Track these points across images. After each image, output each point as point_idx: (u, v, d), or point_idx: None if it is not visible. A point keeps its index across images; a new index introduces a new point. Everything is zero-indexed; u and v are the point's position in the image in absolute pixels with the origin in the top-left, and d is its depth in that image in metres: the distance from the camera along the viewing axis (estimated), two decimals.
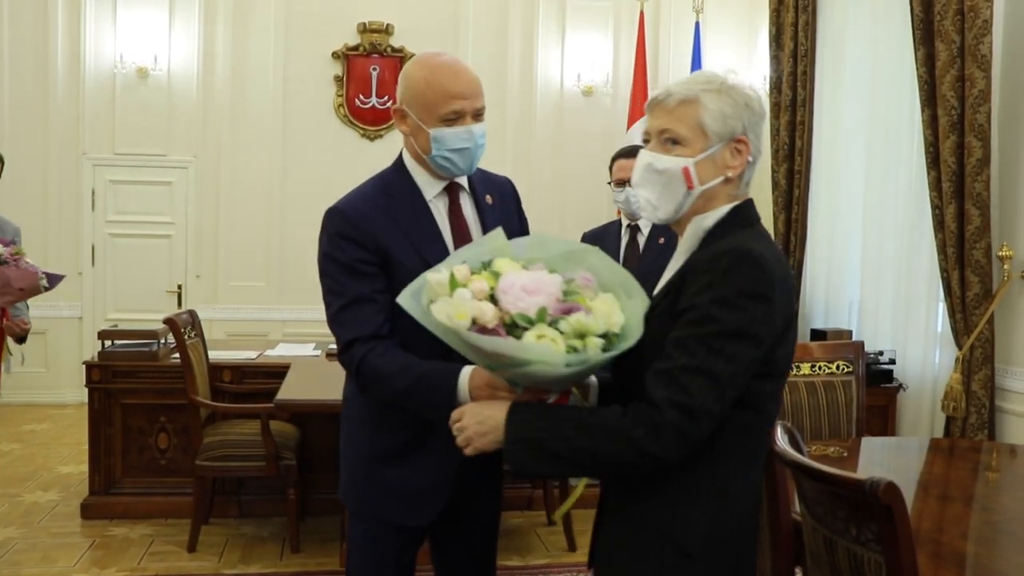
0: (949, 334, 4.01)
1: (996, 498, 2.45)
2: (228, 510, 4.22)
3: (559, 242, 1.51)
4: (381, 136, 6.88)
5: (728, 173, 1.49)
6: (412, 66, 1.90)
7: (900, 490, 1.41)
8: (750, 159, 1.50)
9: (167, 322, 3.96)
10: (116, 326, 4.85)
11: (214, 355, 4.31)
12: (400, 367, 1.76)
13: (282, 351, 4.69)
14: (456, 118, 1.83)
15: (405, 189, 1.92)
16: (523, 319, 1.36)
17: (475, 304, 1.38)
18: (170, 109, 6.69)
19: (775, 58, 5.63)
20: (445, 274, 1.43)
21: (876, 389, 4.20)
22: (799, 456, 1.65)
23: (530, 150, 7.05)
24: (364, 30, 6.87)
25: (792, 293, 1.45)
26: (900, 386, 4.35)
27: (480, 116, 1.88)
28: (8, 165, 6.54)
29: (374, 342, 1.80)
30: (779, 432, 1.71)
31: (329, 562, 3.72)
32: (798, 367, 3.12)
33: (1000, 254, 3.80)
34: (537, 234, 1.52)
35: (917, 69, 4.06)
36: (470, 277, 1.42)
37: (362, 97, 6.88)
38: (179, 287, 6.76)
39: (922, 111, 4.05)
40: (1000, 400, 3.90)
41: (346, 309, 1.83)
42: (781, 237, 5.42)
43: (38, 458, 5.25)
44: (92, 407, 4.22)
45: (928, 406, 4.26)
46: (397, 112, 1.92)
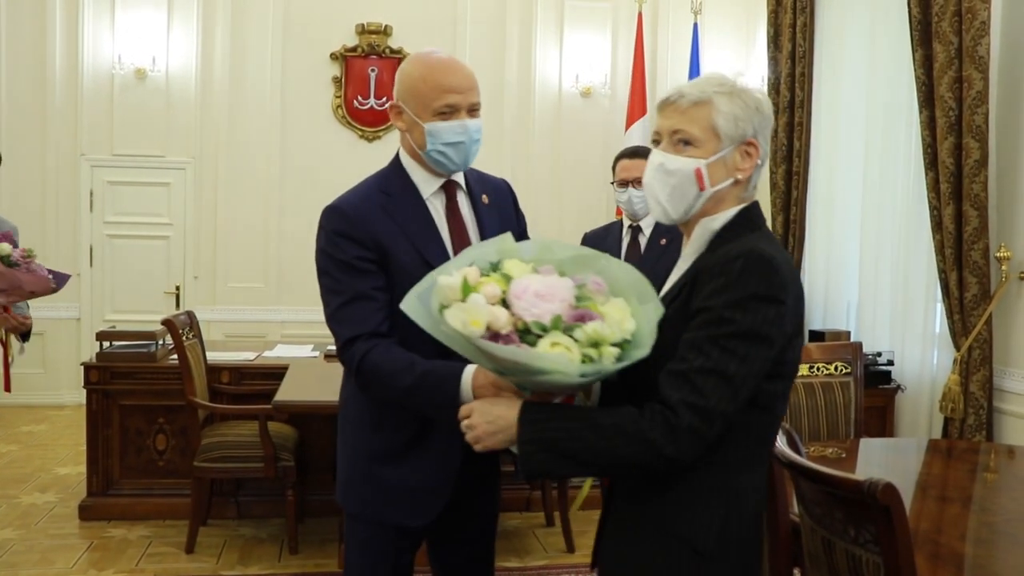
0: (947, 335, 4.01)
1: (994, 499, 2.45)
2: (226, 511, 4.22)
3: (567, 247, 1.49)
4: (380, 137, 6.87)
5: (738, 175, 1.50)
6: (408, 63, 1.93)
7: (898, 491, 1.41)
8: (759, 162, 1.51)
9: (165, 323, 3.95)
10: (114, 327, 4.85)
11: (212, 356, 4.31)
12: (402, 365, 1.75)
13: (280, 352, 4.68)
14: (451, 112, 1.85)
15: (402, 187, 1.92)
16: (537, 326, 1.33)
17: (489, 310, 1.34)
18: (168, 110, 6.69)
19: (773, 59, 5.64)
20: (457, 278, 1.38)
21: (874, 390, 4.21)
22: (797, 457, 1.65)
23: (528, 151, 7.05)
24: (362, 31, 6.87)
25: (802, 297, 1.45)
26: (898, 387, 4.35)
27: (475, 112, 1.89)
28: (6, 166, 6.55)
29: (375, 340, 1.80)
30: (777, 433, 1.71)
31: (328, 563, 3.71)
32: None
33: (998, 255, 3.81)
34: (544, 239, 1.49)
35: (915, 70, 4.07)
36: (480, 280, 1.38)
37: (360, 98, 6.88)
38: (177, 288, 6.76)
39: (920, 112, 4.06)
40: (998, 401, 3.90)
41: (346, 306, 1.83)
42: (779, 238, 5.43)
43: (36, 459, 5.25)
44: (90, 408, 4.21)
45: (926, 407, 4.26)
46: (393, 108, 1.93)
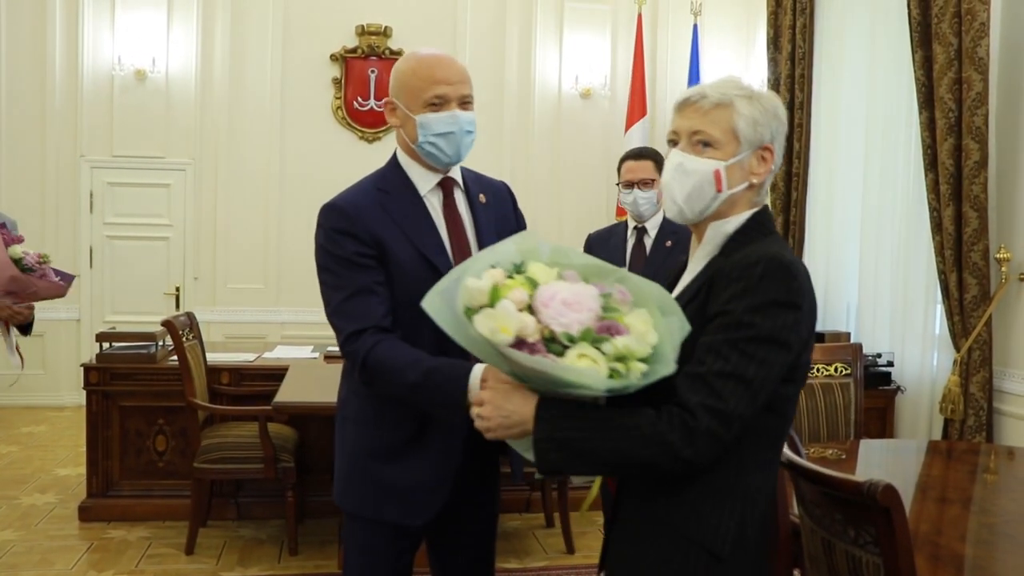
0: (947, 336, 4.01)
1: (994, 500, 2.45)
2: (226, 512, 4.22)
3: (582, 255, 1.46)
4: (379, 138, 6.88)
5: (753, 179, 1.50)
6: (401, 60, 1.97)
7: (898, 492, 1.41)
8: (773, 167, 1.52)
9: (165, 324, 3.95)
10: (114, 328, 4.84)
11: (212, 357, 4.31)
12: (409, 361, 1.75)
13: (280, 353, 4.68)
14: (441, 103, 1.87)
15: (399, 184, 1.93)
16: (566, 337, 1.31)
17: (519, 318, 1.31)
18: (168, 111, 6.69)
19: (773, 60, 5.64)
20: (486, 281, 1.35)
21: (874, 391, 4.21)
22: (797, 458, 1.65)
23: (528, 152, 7.06)
24: (362, 32, 6.87)
25: (815, 303, 1.45)
26: (898, 388, 4.35)
27: (467, 104, 1.90)
28: (6, 167, 6.57)
29: (381, 334, 1.80)
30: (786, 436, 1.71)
31: (327, 564, 3.71)
32: None
33: (998, 256, 3.81)
34: (559, 244, 1.47)
35: (915, 71, 4.07)
36: (506, 283, 1.35)
37: (360, 99, 6.88)
38: (177, 289, 6.76)
39: (920, 113, 4.06)
40: (998, 402, 3.90)
41: (349, 300, 1.83)
42: None
43: (36, 460, 5.25)
44: (90, 409, 4.21)
45: (926, 408, 4.26)
46: (387, 104, 1.96)
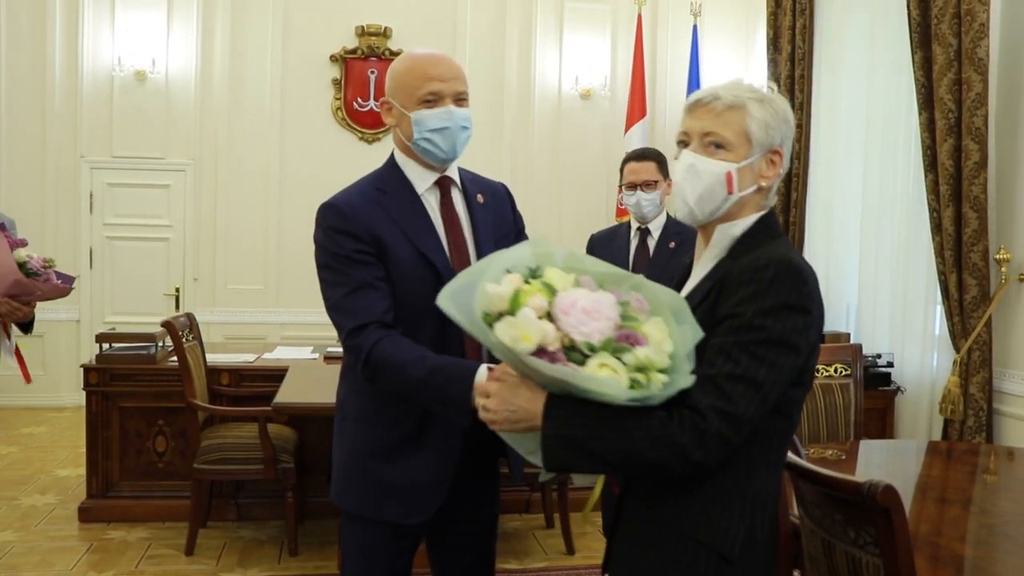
0: (947, 337, 4.01)
1: (994, 501, 2.45)
2: (226, 513, 4.22)
3: (595, 261, 1.45)
4: (379, 139, 6.88)
5: (762, 183, 1.50)
6: (396, 60, 1.98)
7: (898, 493, 1.41)
8: (781, 171, 1.52)
9: (165, 325, 3.95)
10: (114, 329, 4.84)
11: (212, 358, 4.31)
12: (414, 358, 1.76)
13: (280, 354, 4.68)
14: (435, 100, 1.88)
15: (397, 183, 1.94)
16: (587, 347, 1.30)
17: (540, 327, 1.29)
18: (168, 112, 6.69)
19: (773, 61, 5.65)
20: (506, 288, 1.33)
21: (874, 392, 4.21)
22: (798, 459, 1.65)
23: (528, 153, 7.06)
24: (362, 33, 6.87)
25: (823, 307, 1.45)
26: (898, 389, 4.35)
27: (461, 101, 1.91)
28: (6, 168, 6.57)
29: (384, 330, 1.80)
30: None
31: (327, 565, 3.71)
32: None
33: (997, 257, 3.81)
34: (572, 249, 1.46)
35: (914, 72, 4.07)
36: (523, 289, 1.34)
37: (360, 100, 6.88)
38: (177, 290, 6.76)
39: (919, 114, 4.06)
40: (998, 403, 3.90)
41: (350, 295, 1.83)
42: None
43: (35, 461, 5.25)
44: (90, 410, 4.21)
45: (926, 409, 4.26)
46: (384, 104, 1.96)
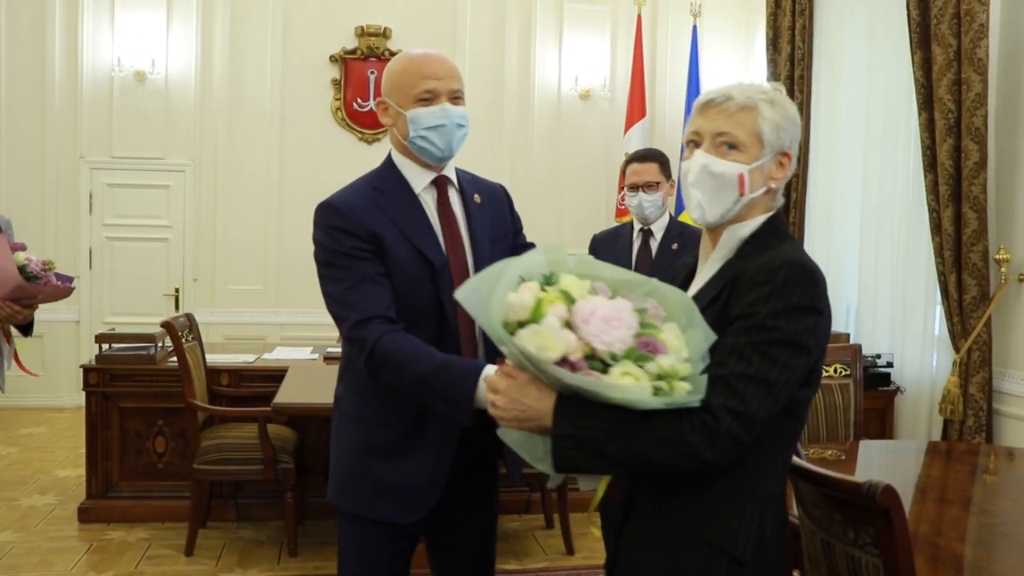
0: (946, 337, 4.01)
1: (994, 501, 2.45)
2: (225, 514, 4.21)
3: (607, 267, 1.44)
4: (379, 139, 6.88)
5: (771, 184, 1.50)
6: (392, 60, 1.98)
7: (898, 493, 1.41)
8: (789, 173, 1.52)
9: (164, 325, 3.95)
10: (113, 330, 4.84)
11: (211, 359, 4.31)
12: (421, 353, 1.76)
13: (280, 355, 4.68)
14: (431, 98, 1.88)
15: (394, 183, 1.95)
16: (609, 356, 1.29)
17: (564, 336, 1.28)
18: (168, 112, 6.70)
19: (772, 62, 5.65)
20: (527, 296, 1.32)
21: (874, 392, 4.21)
22: (797, 459, 1.65)
23: (528, 153, 7.06)
24: (362, 34, 6.87)
25: (831, 308, 1.46)
26: (898, 389, 4.35)
27: (457, 100, 1.92)
28: (6, 168, 6.57)
29: (389, 324, 1.80)
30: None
31: (327, 566, 3.71)
32: None
33: (997, 257, 3.81)
34: (583, 256, 1.44)
35: (914, 73, 4.07)
36: (541, 296, 1.32)
37: (360, 101, 6.88)
38: (176, 290, 6.76)
39: (919, 114, 4.06)
40: (997, 403, 3.90)
41: (353, 289, 1.83)
42: None
43: (35, 462, 5.25)
44: (89, 411, 4.21)
45: (926, 409, 4.26)
46: (380, 104, 1.97)
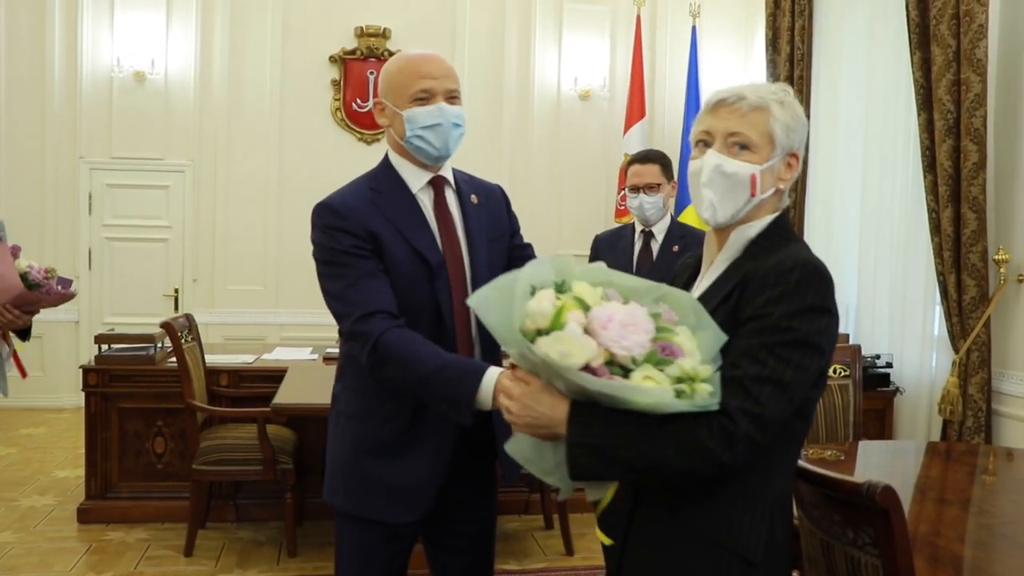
0: (946, 338, 4.01)
1: (993, 501, 2.45)
2: (225, 514, 4.21)
3: (616, 273, 1.43)
4: (378, 140, 6.87)
5: (780, 185, 1.51)
6: (388, 62, 1.99)
7: (897, 494, 1.41)
8: (796, 174, 1.53)
9: (164, 326, 3.95)
10: (113, 330, 4.84)
11: (211, 359, 4.31)
12: (425, 351, 1.76)
13: (279, 355, 4.68)
14: (427, 97, 1.89)
15: (391, 183, 1.95)
16: (630, 360, 1.29)
17: (587, 341, 1.28)
18: (167, 113, 6.70)
19: (772, 62, 5.65)
20: (547, 304, 1.31)
21: (873, 393, 4.21)
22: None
23: (527, 154, 7.06)
24: (361, 34, 6.87)
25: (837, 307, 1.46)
26: (897, 390, 4.35)
27: (454, 99, 1.92)
28: (5, 169, 6.57)
29: (393, 320, 1.80)
30: None
31: (326, 567, 3.71)
32: None
33: (996, 258, 3.81)
34: (590, 264, 1.43)
35: (913, 73, 4.08)
36: (557, 303, 1.31)
37: (359, 101, 6.88)
38: (176, 291, 6.76)
39: (918, 115, 4.06)
40: (997, 403, 3.90)
41: (354, 284, 1.83)
42: None
43: (34, 462, 5.24)
44: (89, 411, 4.21)
45: (925, 409, 4.26)
46: (376, 105, 1.98)
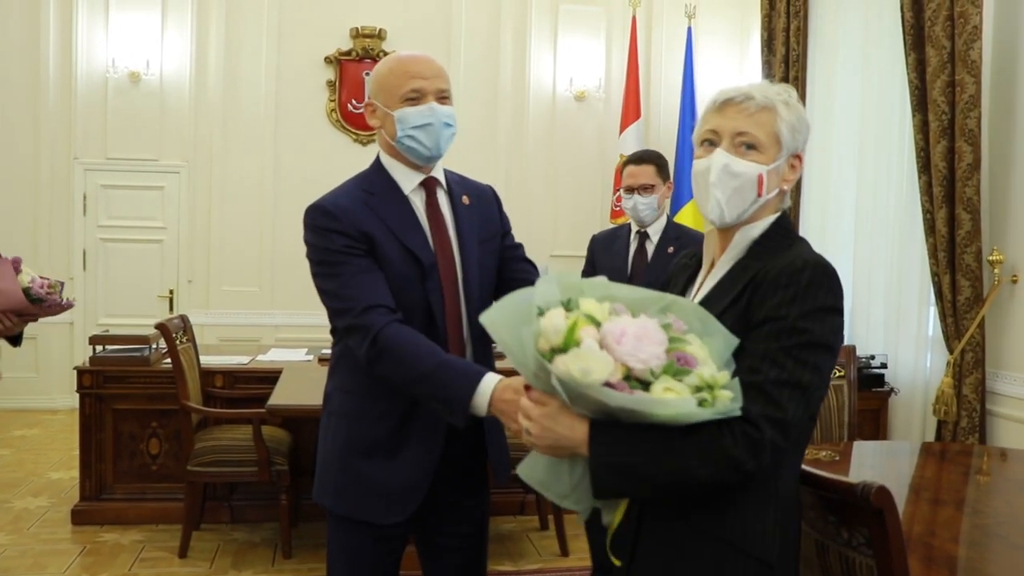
0: (940, 338, 4.02)
1: (987, 502, 2.45)
2: (220, 516, 4.21)
3: (619, 287, 1.42)
4: (374, 141, 6.76)
5: (784, 186, 1.50)
6: (379, 63, 1.99)
7: (891, 494, 1.41)
8: (799, 175, 1.53)
9: (159, 327, 3.94)
10: (107, 331, 4.82)
11: (206, 360, 4.30)
12: (425, 349, 1.76)
13: (274, 356, 4.66)
14: (418, 97, 1.89)
15: (383, 185, 1.95)
16: (649, 373, 1.27)
17: (605, 357, 1.26)
18: (162, 114, 6.68)
19: (767, 63, 5.66)
20: (560, 321, 1.29)
21: (868, 393, 4.22)
22: None
23: (523, 155, 7.06)
24: (357, 35, 6.87)
25: None
26: (892, 390, 4.36)
27: (444, 99, 1.92)
28: (0, 169, 6.56)
29: (393, 315, 1.80)
30: None
31: (321, 568, 3.69)
32: None
33: (990, 258, 3.82)
34: (592, 279, 1.42)
35: (908, 74, 4.09)
36: (571, 320, 1.29)
37: (355, 102, 6.87)
38: (171, 292, 6.74)
39: (913, 116, 4.07)
40: (991, 404, 3.91)
41: (352, 282, 1.83)
42: None
43: (28, 464, 5.23)
44: (83, 412, 4.19)
45: (919, 410, 4.27)
46: (368, 107, 1.98)
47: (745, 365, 1.35)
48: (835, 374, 3.25)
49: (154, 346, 4.36)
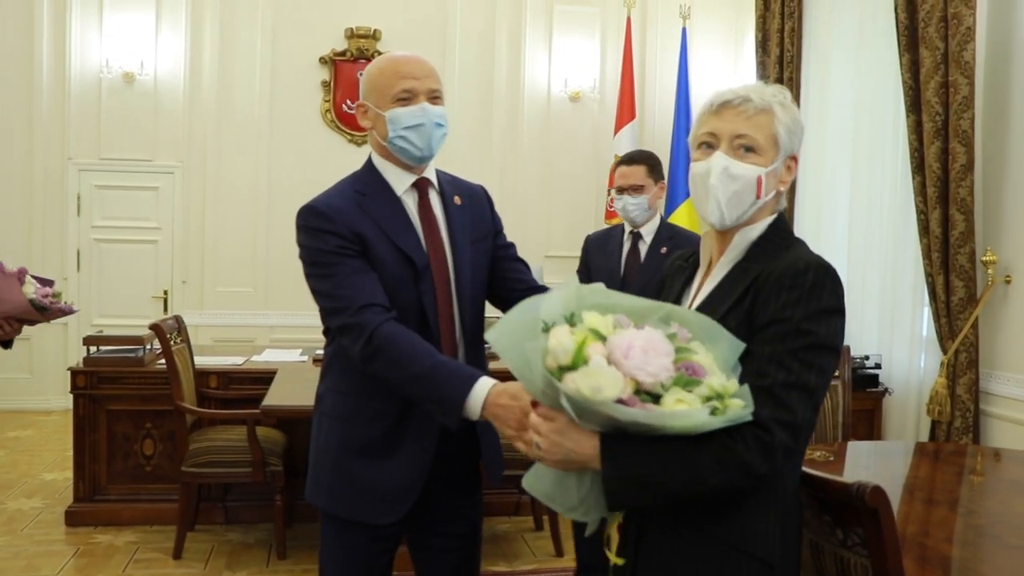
0: (934, 338, 4.03)
1: (981, 502, 2.46)
2: (214, 516, 4.20)
3: (618, 296, 1.40)
4: (368, 142, 6.85)
5: (780, 188, 1.51)
6: (370, 64, 1.99)
7: (886, 494, 1.41)
8: (794, 176, 1.53)
9: (153, 328, 3.94)
10: (101, 332, 4.81)
11: (200, 361, 4.29)
12: (421, 349, 1.76)
13: (269, 357, 4.66)
14: (409, 97, 1.89)
15: (376, 186, 1.95)
16: (659, 386, 1.26)
17: (615, 373, 1.24)
18: (156, 114, 6.66)
19: (761, 64, 5.67)
20: (567, 340, 1.27)
21: (862, 393, 4.23)
22: None
23: (517, 156, 7.06)
24: (351, 35, 6.86)
25: None
26: (886, 390, 4.37)
27: (436, 99, 1.92)
28: None
29: (388, 313, 1.80)
30: None
31: (316, 569, 3.67)
32: None
33: (984, 259, 3.83)
34: (591, 286, 1.40)
35: (902, 75, 4.09)
36: (581, 337, 1.28)
37: (349, 102, 6.86)
38: (165, 292, 6.73)
39: (907, 117, 4.08)
40: (984, 404, 3.92)
41: (346, 281, 1.82)
42: None
43: (22, 465, 5.21)
44: (77, 413, 4.18)
45: (913, 410, 4.28)
46: (359, 108, 1.98)
47: (752, 368, 1.35)
48: None
49: (148, 347, 4.36)
